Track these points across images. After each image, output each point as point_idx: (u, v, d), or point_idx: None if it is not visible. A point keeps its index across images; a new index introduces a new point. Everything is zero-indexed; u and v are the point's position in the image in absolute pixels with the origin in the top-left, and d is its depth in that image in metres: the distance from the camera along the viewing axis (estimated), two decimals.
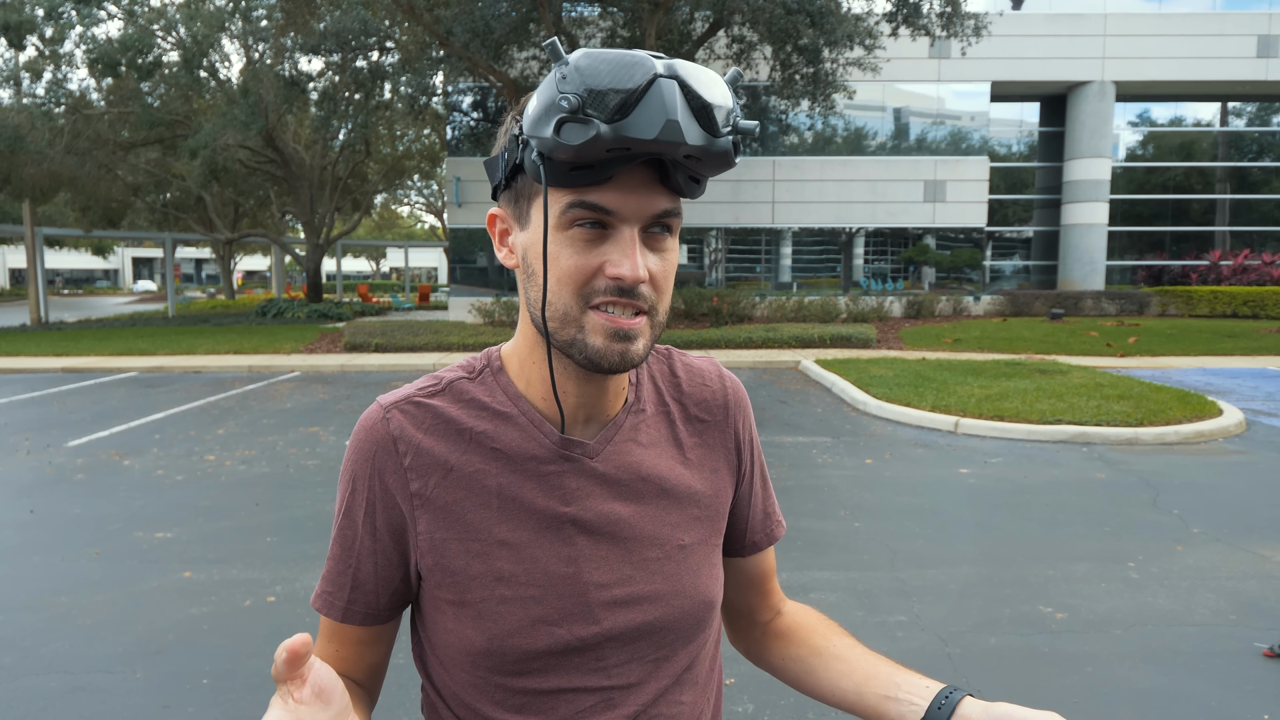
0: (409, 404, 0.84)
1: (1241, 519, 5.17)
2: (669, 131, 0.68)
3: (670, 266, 0.79)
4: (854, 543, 4.75)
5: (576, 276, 0.75)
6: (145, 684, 3.15)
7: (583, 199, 0.73)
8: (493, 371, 0.87)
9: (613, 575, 0.83)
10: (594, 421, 0.86)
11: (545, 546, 0.82)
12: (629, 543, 0.84)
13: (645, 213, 0.74)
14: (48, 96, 21.93)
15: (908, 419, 8.53)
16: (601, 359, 0.76)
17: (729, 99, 0.73)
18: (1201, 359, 13.46)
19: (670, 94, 0.68)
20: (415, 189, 42.38)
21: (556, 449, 0.83)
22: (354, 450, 0.84)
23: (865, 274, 22.34)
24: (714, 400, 0.93)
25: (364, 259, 71.22)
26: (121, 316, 26.93)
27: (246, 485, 6.04)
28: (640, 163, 0.72)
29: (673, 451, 0.89)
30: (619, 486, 0.85)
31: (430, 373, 0.90)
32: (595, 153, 0.69)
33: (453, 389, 0.86)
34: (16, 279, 64.31)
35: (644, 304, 0.76)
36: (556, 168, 0.72)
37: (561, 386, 0.83)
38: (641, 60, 0.69)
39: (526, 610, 0.80)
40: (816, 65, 15.77)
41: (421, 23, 15.55)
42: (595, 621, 0.82)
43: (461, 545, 0.81)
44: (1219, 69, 21.75)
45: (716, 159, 0.72)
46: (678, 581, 0.85)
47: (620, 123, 0.68)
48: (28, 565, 4.42)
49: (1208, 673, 3.21)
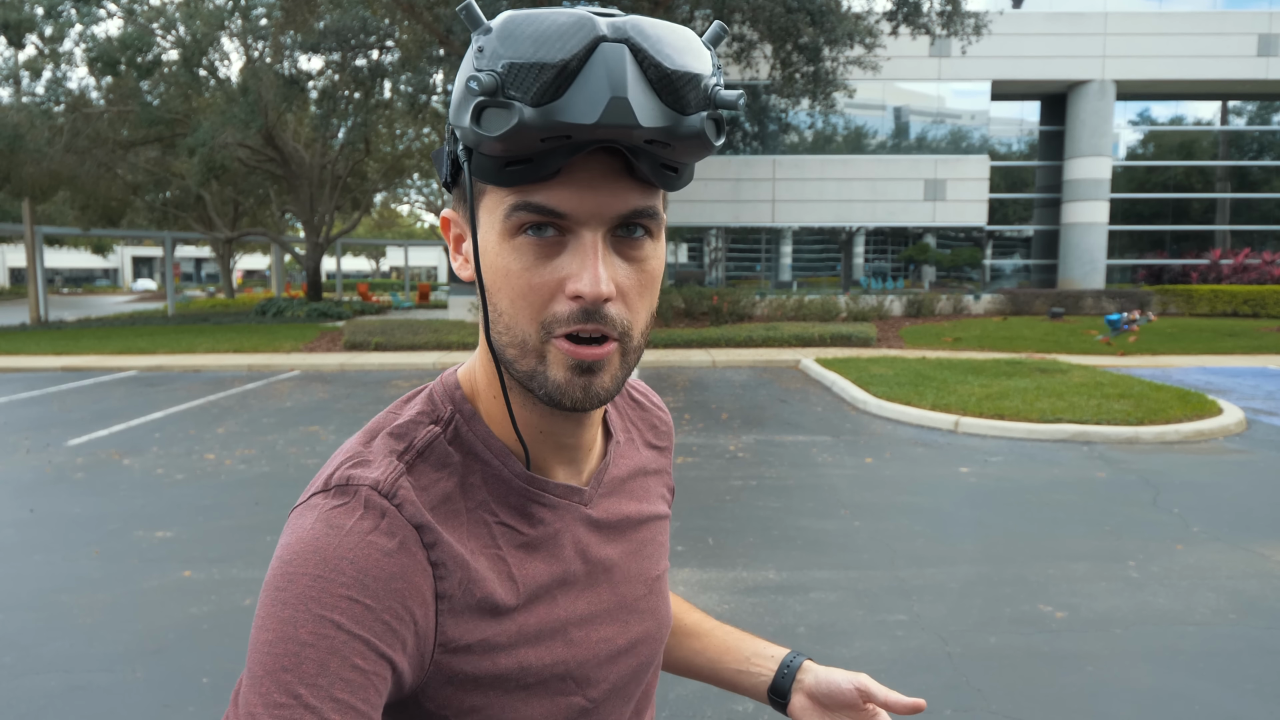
0: (404, 479, 0.64)
1: (1241, 518, 5.17)
2: (615, 112, 0.53)
3: (648, 278, 0.63)
4: (854, 542, 4.75)
5: (531, 297, 0.60)
6: (145, 683, 3.15)
7: (527, 200, 0.59)
8: (465, 419, 0.70)
9: (613, 627, 0.75)
10: (575, 458, 0.73)
11: (559, 617, 0.71)
12: (620, 586, 0.77)
13: (608, 213, 0.59)
14: (47, 95, 21.91)
15: (908, 418, 8.53)
16: (562, 396, 0.62)
17: (704, 64, 0.58)
18: (1202, 358, 13.46)
19: (617, 63, 0.54)
20: (415, 188, 42.32)
21: (554, 503, 0.72)
22: (360, 571, 0.58)
23: (865, 273, 22.34)
24: (663, 427, 0.89)
25: (364, 258, 71.20)
26: (121, 315, 26.93)
27: (246, 484, 6.04)
28: (595, 151, 0.58)
29: (642, 480, 0.83)
30: (608, 529, 0.76)
31: (379, 422, 0.70)
32: (527, 143, 0.55)
33: (433, 454, 0.67)
34: (16, 278, 64.30)
35: (611, 328, 0.61)
36: (487, 163, 0.58)
37: (534, 425, 0.69)
38: (579, 21, 0.55)
39: (548, 689, 0.69)
40: (816, 64, 15.76)
41: (421, 21, 15.54)
42: (603, 680, 0.74)
43: (485, 644, 0.66)
44: (1219, 68, 21.74)
45: (689, 143, 0.57)
46: (657, 614, 0.80)
47: (551, 105, 0.54)
48: (28, 564, 4.42)
49: (1208, 672, 3.21)
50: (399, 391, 10.65)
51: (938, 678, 3.18)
